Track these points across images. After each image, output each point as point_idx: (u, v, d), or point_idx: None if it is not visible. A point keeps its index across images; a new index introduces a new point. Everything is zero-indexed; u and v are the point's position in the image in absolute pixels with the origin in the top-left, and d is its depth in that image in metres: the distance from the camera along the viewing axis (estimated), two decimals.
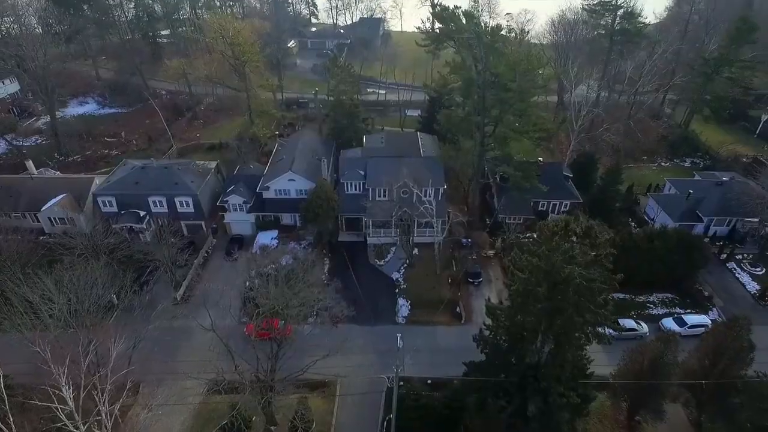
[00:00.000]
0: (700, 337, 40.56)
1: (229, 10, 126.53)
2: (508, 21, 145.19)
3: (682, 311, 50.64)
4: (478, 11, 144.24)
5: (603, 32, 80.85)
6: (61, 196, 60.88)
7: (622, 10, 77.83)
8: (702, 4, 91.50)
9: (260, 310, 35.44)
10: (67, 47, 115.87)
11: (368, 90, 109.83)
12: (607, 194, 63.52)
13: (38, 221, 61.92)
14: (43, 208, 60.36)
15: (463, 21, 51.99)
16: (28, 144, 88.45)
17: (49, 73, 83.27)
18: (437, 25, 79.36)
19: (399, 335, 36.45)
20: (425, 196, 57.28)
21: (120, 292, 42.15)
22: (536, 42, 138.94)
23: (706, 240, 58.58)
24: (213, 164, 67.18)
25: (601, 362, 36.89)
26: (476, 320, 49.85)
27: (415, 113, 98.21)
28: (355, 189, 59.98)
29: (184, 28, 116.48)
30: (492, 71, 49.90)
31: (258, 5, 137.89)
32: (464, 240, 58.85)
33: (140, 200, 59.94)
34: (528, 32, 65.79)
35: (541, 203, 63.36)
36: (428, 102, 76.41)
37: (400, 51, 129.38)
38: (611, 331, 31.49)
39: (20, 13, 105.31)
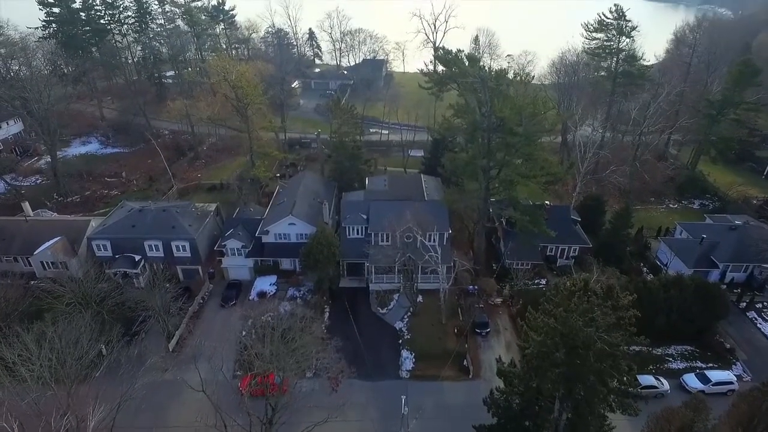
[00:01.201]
0: (727, 396, 37.64)
1: (234, 52, 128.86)
2: (509, 62, 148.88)
3: (703, 365, 47.66)
4: (480, 53, 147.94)
5: (605, 74, 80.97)
6: (54, 240, 59.23)
7: (623, 53, 78.19)
8: (701, 47, 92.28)
9: (255, 372, 32.91)
10: (74, 88, 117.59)
11: (371, 130, 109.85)
12: (617, 238, 61.59)
13: (30, 265, 60.02)
14: (36, 252, 58.62)
15: (467, 65, 51.53)
16: (28, 184, 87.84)
17: (53, 113, 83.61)
18: (440, 67, 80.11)
19: (403, 398, 33.75)
20: (429, 241, 55.47)
21: (108, 344, 39.89)
22: (538, 83, 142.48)
23: (723, 287, 56.04)
24: (212, 207, 65.75)
25: (623, 429, 33.94)
26: (485, 375, 47.06)
27: (418, 153, 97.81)
28: (357, 233, 58.21)
29: (189, 69, 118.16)
30: (497, 115, 49.01)
31: (263, 47, 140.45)
32: (470, 287, 56.49)
33: (136, 244, 58.20)
34: (533, 77, 65.04)
35: (549, 248, 61.35)
36: (431, 143, 75.70)
37: (402, 91, 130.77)
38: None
39: (29, 55, 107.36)
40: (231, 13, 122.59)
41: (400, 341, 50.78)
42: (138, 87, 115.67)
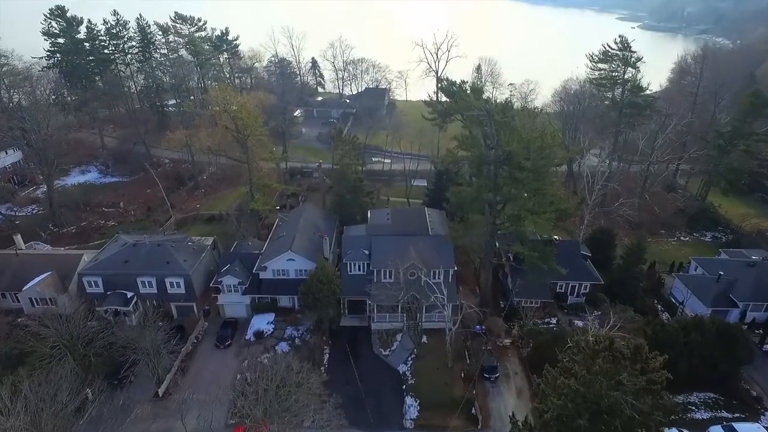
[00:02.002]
0: None
1: (237, 81, 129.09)
2: (511, 91, 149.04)
3: (729, 415, 44.46)
4: (482, 82, 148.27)
5: (611, 105, 79.80)
6: (45, 275, 57.07)
7: (629, 84, 77.18)
8: (706, 77, 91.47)
9: (248, 425, 30.21)
10: (76, 116, 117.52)
11: (373, 159, 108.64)
12: (630, 275, 59.08)
13: (18, 302, 57.66)
14: (24, 288, 56.40)
15: (472, 97, 50.17)
16: (24, 214, 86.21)
17: (52, 143, 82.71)
18: (443, 96, 79.17)
19: None
20: (434, 278, 53.11)
21: (93, 392, 37.22)
22: (540, 109, 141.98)
23: (745, 327, 53.16)
24: (209, 240, 63.71)
25: None
26: (495, 425, 43.99)
27: (421, 183, 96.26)
28: (359, 269, 55.88)
29: (192, 98, 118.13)
30: (504, 148, 47.32)
31: (266, 75, 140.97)
32: (477, 327, 53.72)
33: (128, 280, 55.92)
34: (541, 110, 63.84)
35: (558, 285, 58.80)
36: (435, 175, 73.95)
37: (405, 120, 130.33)
38: None
39: (34, 84, 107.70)
40: (234, 42, 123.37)
41: (404, 386, 47.83)
42: (140, 115, 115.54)
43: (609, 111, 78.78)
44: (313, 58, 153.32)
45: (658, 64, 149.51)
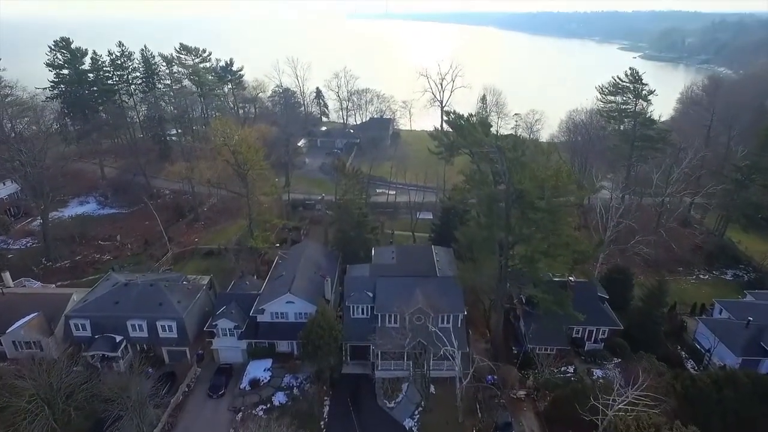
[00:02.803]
0: None
1: (241, 111, 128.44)
2: (516, 121, 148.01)
3: None
4: (487, 112, 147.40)
5: (622, 137, 77.41)
6: (30, 317, 54.08)
7: (641, 117, 74.99)
8: (718, 108, 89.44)
9: None
10: (77, 146, 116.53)
11: (377, 190, 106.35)
12: (650, 318, 55.39)
13: (1, 345, 54.41)
14: (8, 331, 53.29)
15: (481, 133, 47.86)
16: (18, 247, 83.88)
17: (48, 176, 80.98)
18: (445, 125, 77.01)
19: None
20: (442, 323, 49.81)
21: None
22: (547, 140, 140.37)
23: None
24: (205, 280, 60.73)
25: None
26: None
27: (427, 216, 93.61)
28: (363, 313, 52.60)
29: (194, 128, 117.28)
30: (516, 187, 44.66)
31: (270, 105, 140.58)
32: (489, 378, 49.94)
33: (118, 323, 52.80)
34: (556, 147, 61.57)
35: (575, 329, 55.18)
36: (441, 210, 71.10)
37: (410, 150, 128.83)
38: None
39: (38, 114, 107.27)
40: (239, 73, 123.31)
41: None
42: (141, 145, 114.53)
43: (620, 144, 76.43)
44: (317, 88, 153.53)
45: (661, 93, 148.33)
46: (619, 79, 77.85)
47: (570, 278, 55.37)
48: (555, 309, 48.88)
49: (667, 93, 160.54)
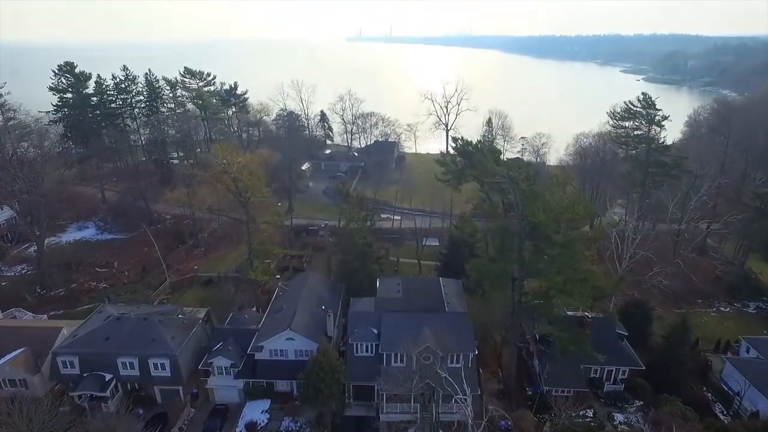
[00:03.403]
0: None
1: (245, 135, 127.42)
2: (523, 145, 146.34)
3: None
4: (493, 135, 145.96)
5: (635, 163, 74.84)
6: (17, 352, 51.35)
7: (654, 143, 72.64)
8: (733, 132, 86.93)
9: None
10: (79, 170, 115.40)
11: (382, 215, 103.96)
12: (674, 358, 51.93)
13: None
14: None
15: (492, 162, 45.60)
16: (12, 274, 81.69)
17: (47, 200, 79.42)
18: (451, 148, 74.91)
19: None
20: (452, 362, 46.68)
21: None
22: (555, 164, 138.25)
23: None
24: (202, 313, 58.01)
25: None
26: None
27: (433, 242, 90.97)
28: (367, 351, 49.51)
29: (199, 150, 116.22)
30: (530, 219, 42.11)
31: (274, 128, 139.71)
32: (503, 423, 46.44)
33: (108, 360, 49.90)
34: (572, 179, 59.14)
35: (593, 369, 51.77)
36: (449, 240, 68.27)
37: (415, 173, 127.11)
38: None
39: (42, 136, 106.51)
40: (243, 96, 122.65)
41: None
42: (143, 169, 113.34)
43: (633, 171, 73.92)
44: (322, 111, 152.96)
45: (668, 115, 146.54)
46: (631, 104, 75.90)
47: (586, 314, 52.27)
48: (571, 349, 45.75)
49: (672, 115, 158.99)
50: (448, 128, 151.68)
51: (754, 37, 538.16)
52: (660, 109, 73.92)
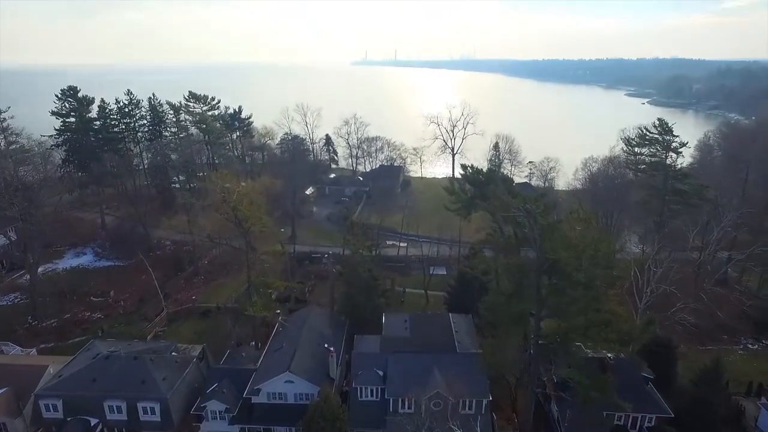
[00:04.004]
0: None
1: (248, 159, 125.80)
2: (530, 169, 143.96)
3: None
4: (500, 159, 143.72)
5: (652, 191, 71.61)
6: None
7: (672, 170, 69.58)
8: (748, 157, 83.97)
9: None
10: (81, 194, 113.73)
11: (387, 242, 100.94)
12: (705, 404, 47.81)
13: None
14: None
15: (507, 195, 42.77)
16: (3, 303, 78.77)
17: (42, 227, 77.08)
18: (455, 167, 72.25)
19: None
20: (464, 408, 43.03)
21: None
22: (565, 189, 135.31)
23: None
24: (197, 350, 54.61)
25: None
26: None
27: (440, 271, 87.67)
28: (372, 395, 45.96)
29: (201, 174, 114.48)
30: (548, 256, 38.99)
31: (279, 152, 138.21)
32: None
33: (94, 403, 46.60)
34: (596, 214, 56.13)
35: (616, 416, 47.70)
36: (459, 273, 64.74)
37: (421, 198, 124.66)
38: None
39: (45, 160, 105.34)
40: (248, 121, 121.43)
41: None
42: (145, 193, 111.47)
43: (650, 199, 70.72)
44: (327, 135, 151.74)
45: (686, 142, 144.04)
46: (647, 129, 73.28)
47: (609, 355, 48.55)
48: (595, 397, 41.95)
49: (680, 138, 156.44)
50: (455, 152, 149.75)
51: (757, 62, 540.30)
52: (677, 135, 71.24)
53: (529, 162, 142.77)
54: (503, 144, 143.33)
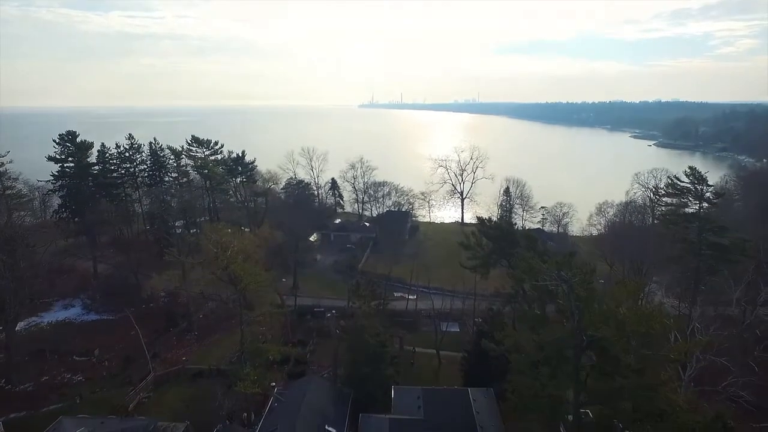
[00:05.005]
0: None
1: (252, 204, 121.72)
2: (543, 215, 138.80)
3: None
4: (511, 204, 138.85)
5: (685, 245, 65.46)
6: None
7: (708, 223, 63.61)
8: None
9: None
10: (76, 240, 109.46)
11: (395, 294, 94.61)
12: None
13: None
14: None
15: (537, 260, 37.14)
16: None
17: (34, 275, 72.31)
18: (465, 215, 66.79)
19: None
20: None
21: None
22: (580, 235, 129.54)
23: None
24: (180, 429, 47.81)
25: None
26: None
27: (453, 329, 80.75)
28: None
29: (200, 220, 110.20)
30: (589, 333, 32.91)
31: (283, 196, 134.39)
32: None
33: None
34: (646, 285, 50.31)
35: None
36: (475, 337, 58.05)
37: (430, 245, 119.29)
38: None
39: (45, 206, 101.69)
40: (251, 165, 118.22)
41: None
42: (143, 238, 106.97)
43: (684, 253, 64.54)
44: (333, 179, 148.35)
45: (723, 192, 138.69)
46: (677, 179, 68.05)
47: None
48: None
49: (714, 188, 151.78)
50: (464, 196, 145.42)
51: (760, 104, 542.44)
52: (711, 185, 65.98)
53: (542, 207, 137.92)
54: (514, 188, 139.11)
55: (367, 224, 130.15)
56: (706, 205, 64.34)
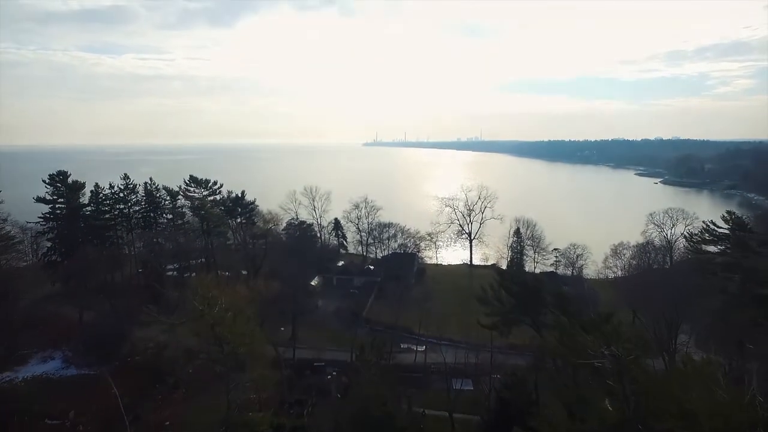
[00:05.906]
0: None
1: (251, 246, 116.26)
2: (556, 257, 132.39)
3: None
4: (522, 245, 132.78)
5: (728, 297, 59.07)
6: None
7: (752, 274, 57.35)
8: None
9: None
10: (64, 286, 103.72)
11: (402, 345, 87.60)
12: None
13: None
14: None
15: (580, 330, 30.96)
16: None
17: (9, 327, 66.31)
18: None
19: None
20: None
21: None
22: (598, 278, 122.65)
23: None
24: None
25: None
26: None
27: (467, 386, 73.24)
28: None
29: (194, 262, 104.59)
30: (654, 426, 26.34)
31: (284, 237, 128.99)
32: None
33: None
34: (721, 367, 43.84)
35: None
36: (497, 403, 51.23)
37: (437, 289, 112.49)
38: None
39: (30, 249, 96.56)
40: (251, 206, 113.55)
41: None
42: (135, 283, 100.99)
43: (726, 307, 57.99)
44: (336, 219, 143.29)
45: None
46: (714, 224, 62.36)
47: None
48: None
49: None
50: (472, 237, 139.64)
51: (763, 142, 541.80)
52: (754, 232, 60.01)
53: (554, 249, 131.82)
54: (524, 229, 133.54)
55: (372, 267, 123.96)
56: (751, 254, 58.17)
